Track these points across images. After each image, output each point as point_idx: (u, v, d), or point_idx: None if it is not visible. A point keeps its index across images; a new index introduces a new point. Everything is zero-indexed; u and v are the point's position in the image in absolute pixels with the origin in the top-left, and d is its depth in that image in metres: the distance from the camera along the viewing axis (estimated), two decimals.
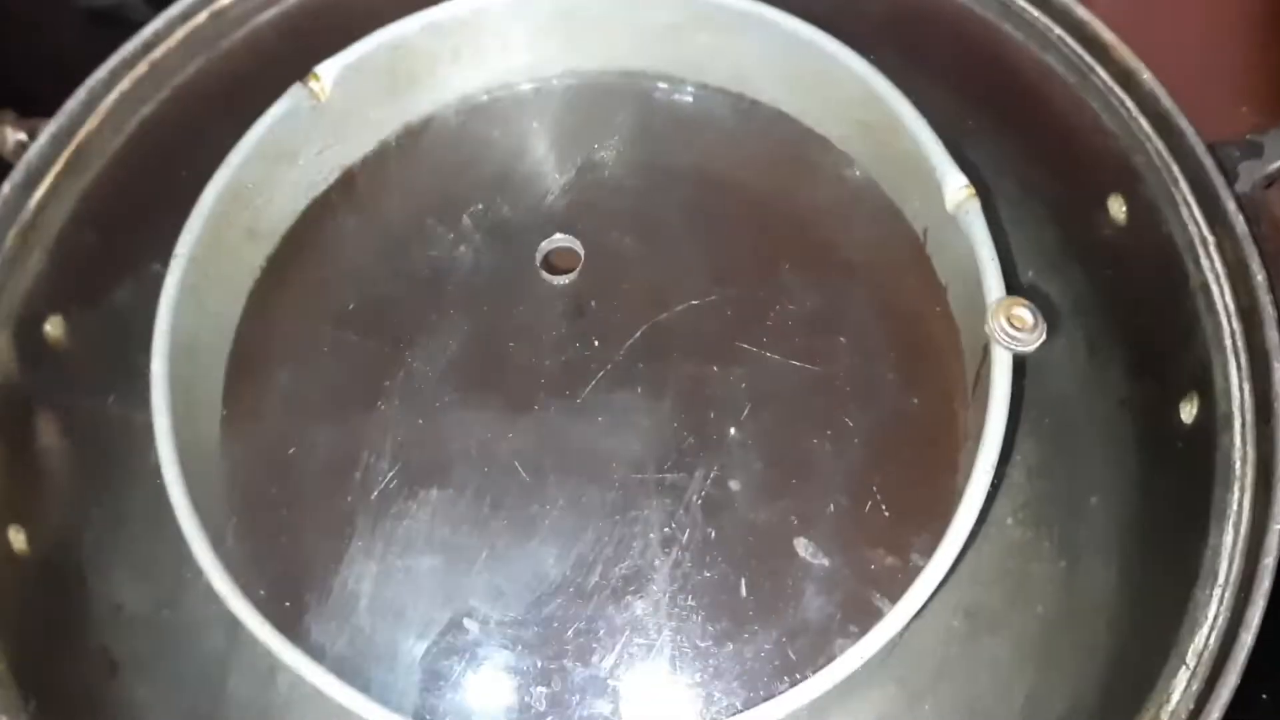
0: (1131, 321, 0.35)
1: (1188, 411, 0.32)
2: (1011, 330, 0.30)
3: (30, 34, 0.52)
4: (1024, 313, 0.30)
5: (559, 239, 0.35)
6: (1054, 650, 0.33)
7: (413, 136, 0.36)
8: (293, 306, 0.35)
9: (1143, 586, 0.32)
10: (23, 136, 0.44)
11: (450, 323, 0.34)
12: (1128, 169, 0.35)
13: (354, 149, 0.36)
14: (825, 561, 0.30)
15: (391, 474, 0.32)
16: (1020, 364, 0.30)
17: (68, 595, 0.33)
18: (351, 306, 0.35)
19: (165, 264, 0.32)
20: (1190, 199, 0.33)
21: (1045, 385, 0.35)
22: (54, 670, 0.32)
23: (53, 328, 0.35)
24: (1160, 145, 0.34)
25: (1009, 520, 0.35)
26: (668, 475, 0.31)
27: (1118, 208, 0.35)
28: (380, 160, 0.36)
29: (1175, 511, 0.32)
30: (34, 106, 0.41)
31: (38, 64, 0.49)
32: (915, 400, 0.33)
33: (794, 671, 0.29)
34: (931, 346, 0.34)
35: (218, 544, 0.29)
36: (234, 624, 0.28)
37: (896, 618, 0.28)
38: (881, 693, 0.33)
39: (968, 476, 0.30)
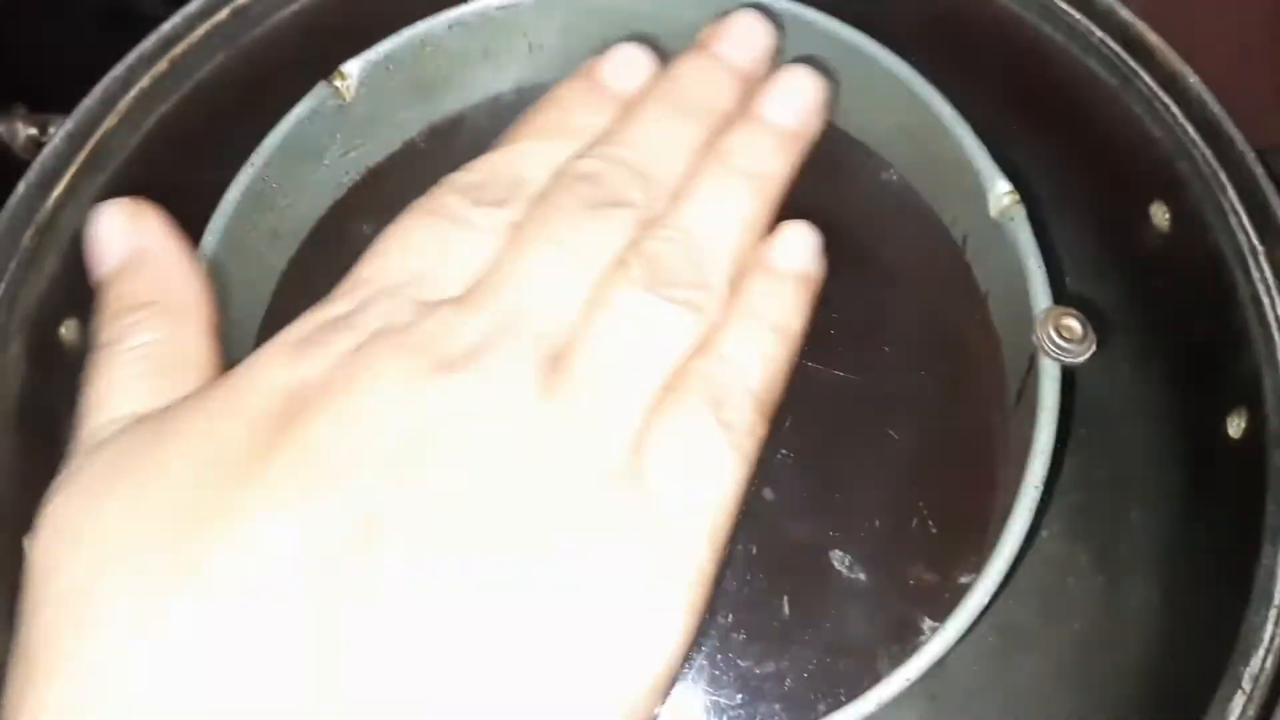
0: (1175, 332, 0.34)
1: (1235, 426, 0.32)
2: (1060, 341, 0.29)
3: (39, 26, 0.51)
4: (1073, 323, 0.29)
5: None
6: (1094, 669, 0.32)
7: (440, 137, 0.35)
8: None
9: (1189, 606, 0.32)
10: (34, 132, 0.43)
11: None
12: (1172, 175, 0.34)
13: (379, 149, 0.35)
14: (867, 579, 0.29)
15: None
16: (1069, 376, 0.29)
17: None
18: None
19: None
20: (1239, 207, 0.32)
21: (1082, 394, 0.34)
22: None
23: (68, 331, 0.34)
24: (1207, 151, 0.33)
25: (1044, 533, 0.34)
26: None
27: (1161, 215, 0.34)
28: (406, 161, 0.35)
29: (1224, 529, 0.31)
30: (45, 101, 0.40)
31: (47, 57, 0.48)
32: (955, 411, 0.33)
33: (836, 693, 0.28)
34: (971, 356, 0.33)
35: None
36: None
37: (943, 639, 0.27)
38: (914, 711, 0.32)
39: (1012, 492, 0.29)
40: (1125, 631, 0.32)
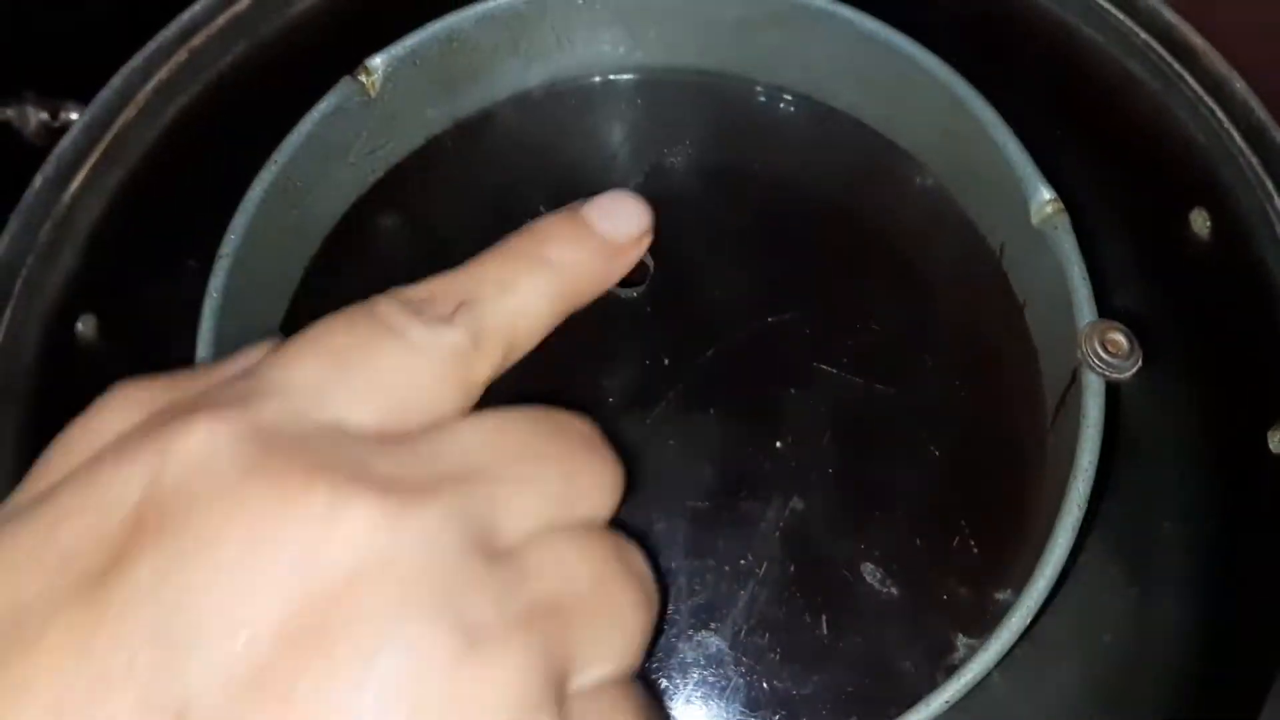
0: (1213, 342, 0.34)
1: (1277, 440, 0.31)
2: (1106, 356, 0.28)
3: (51, 10, 0.50)
4: (1119, 338, 0.28)
5: None
6: (1126, 683, 0.32)
7: (466, 134, 0.34)
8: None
9: (1224, 623, 0.31)
10: (44, 116, 0.42)
11: None
12: (1214, 181, 0.33)
13: (405, 146, 0.34)
14: (907, 597, 0.29)
15: None
16: (1113, 392, 0.29)
17: None
18: None
19: (203, 262, 0.31)
20: None
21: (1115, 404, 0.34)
22: None
23: (85, 327, 0.33)
24: (1253, 159, 0.32)
25: None
26: (743, 502, 0.29)
27: (1201, 222, 0.34)
28: (432, 158, 0.34)
29: (1265, 546, 0.31)
30: (57, 88, 0.40)
31: (59, 43, 0.47)
32: (990, 424, 0.32)
33: (875, 714, 0.28)
34: (1007, 368, 0.32)
35: None
36: None
37: (983, 660, 0.26)
38: None
39: (1051, 507, 0.28)
40: (1157, 646, 0.32)
